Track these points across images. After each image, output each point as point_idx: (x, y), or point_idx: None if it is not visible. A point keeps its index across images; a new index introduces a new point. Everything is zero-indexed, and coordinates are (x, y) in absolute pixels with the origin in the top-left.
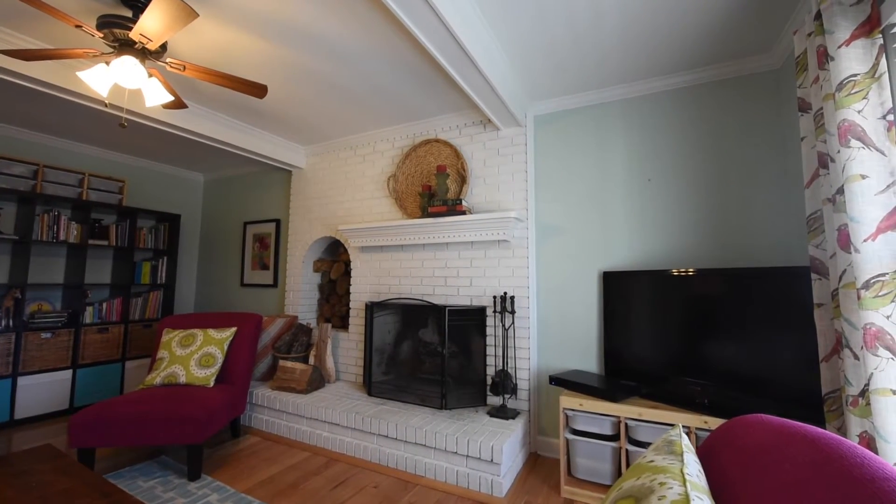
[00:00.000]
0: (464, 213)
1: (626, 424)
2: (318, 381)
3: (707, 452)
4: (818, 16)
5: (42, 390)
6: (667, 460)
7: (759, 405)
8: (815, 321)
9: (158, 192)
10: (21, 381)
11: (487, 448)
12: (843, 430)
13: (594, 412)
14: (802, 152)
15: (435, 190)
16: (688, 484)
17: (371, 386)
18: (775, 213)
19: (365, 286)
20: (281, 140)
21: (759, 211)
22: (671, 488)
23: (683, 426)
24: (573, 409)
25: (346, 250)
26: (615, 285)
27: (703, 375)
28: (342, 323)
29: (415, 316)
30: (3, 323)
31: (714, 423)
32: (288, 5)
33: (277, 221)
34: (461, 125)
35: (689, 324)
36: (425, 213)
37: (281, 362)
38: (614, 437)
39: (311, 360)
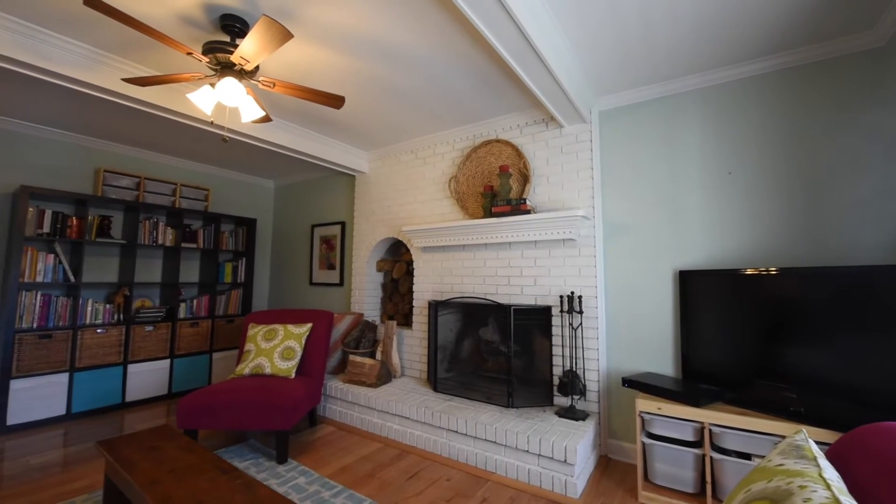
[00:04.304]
0: (528, 212)
1: (710, 430)
2: (385, 375)
3: (835, 459)
4: None
5: (146, 377)
6: (799, 464)
7: (867, 416)
8: None
9: (236, 199)
10: (130, 368)
11: (560, 448)
12: None
13: (674, 416)
14: None
15: (497, 190)
16: (833, 488)
17: (437, 382)
18: (879, 207)
19: (427, 285)
20: (346, 146)
21: (859, 204)
22: (815, 491)
23: (779, 434)
24: (650, 413)
25: (407, 250)
26: (693, 285)
27: (798, 382)
28: (405, 321)
29: (477, 315)
30: (116, 317)
31: (814, 433)
32: (363, 19)
33: (342, 224)
34: (522, 124)
35: (780, 326)
36: (488, 213)
37: (351, 357)
38: (696, 444)
39: (378, 356)
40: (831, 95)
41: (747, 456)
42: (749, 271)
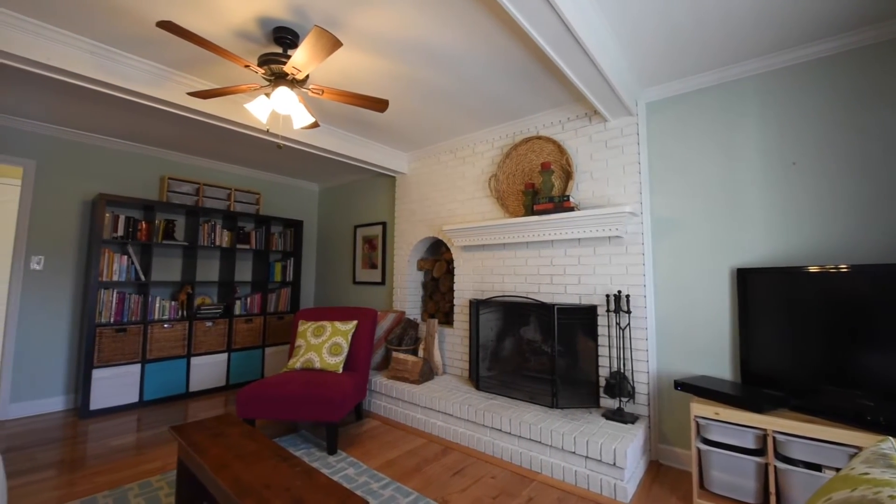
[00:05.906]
0: (571, 209)
1: (774, 438)
2: (428, 373)
3: None
4: None
5: (207, 369)
6: (887, 474)
7: None
8: None
9: (284, 202)
10: (193, 360)
11: (609, 451)
12: None
13: (733, 422)
14: None
15: (539, 187)
16: None
17: (479, 380)
18: None
19: (468, 284)
20: (386, 148)
21: None
22: None
23: (854, 444)
24: (707, 418)
25: (447, 249)
26: (753, 283)
27: (875, 389)
28: (446, 319)
29: (519, 313)
30: (180, 313)
31: None
32: (406, 23)
33: (384, 224)
34: (563, 120)
35: (854, 329)
36: (529, 211)
37: (394, 354)
38: (758, 452)
39: (420, 353)
40: None
41: (817, 467)
42: (816, 269)
